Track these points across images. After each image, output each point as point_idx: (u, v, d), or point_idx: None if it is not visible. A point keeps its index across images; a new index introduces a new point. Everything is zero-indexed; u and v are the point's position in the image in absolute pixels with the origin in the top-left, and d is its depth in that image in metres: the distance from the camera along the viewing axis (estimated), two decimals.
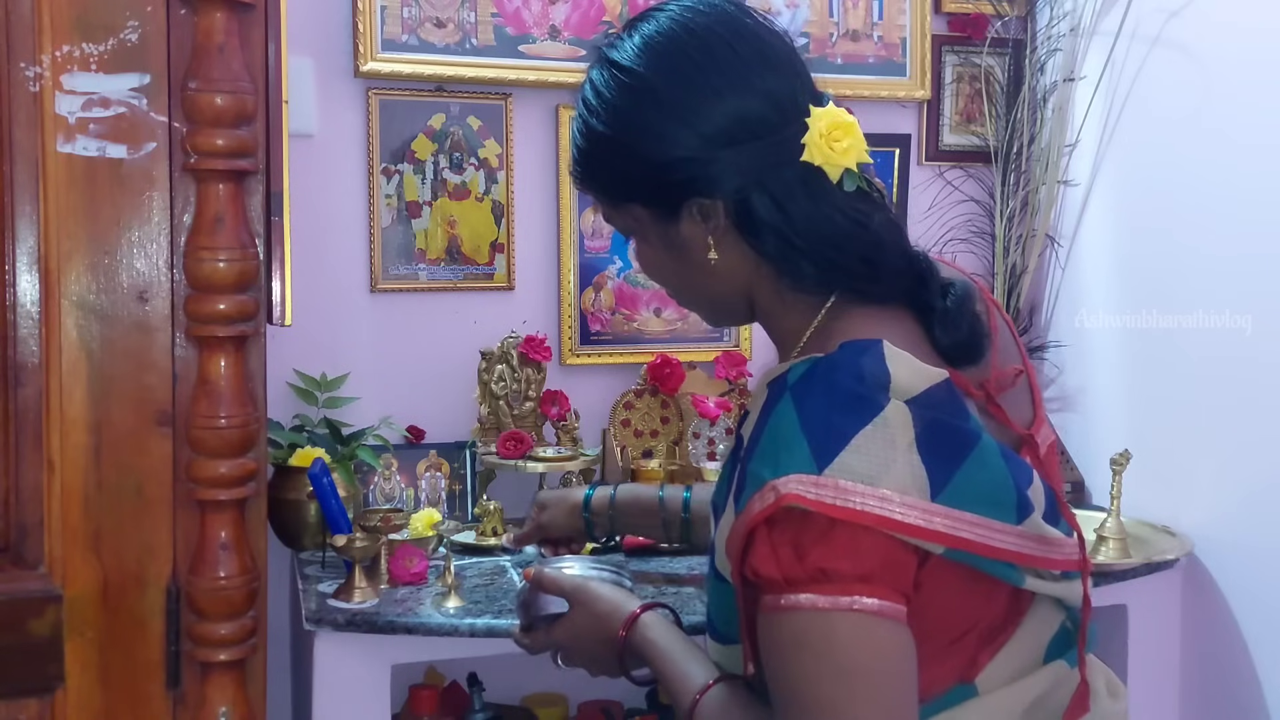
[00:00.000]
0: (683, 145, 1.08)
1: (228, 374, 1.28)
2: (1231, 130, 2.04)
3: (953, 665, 1.06)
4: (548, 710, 2.17)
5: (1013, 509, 1.02)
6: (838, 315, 1.10)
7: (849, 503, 0.96)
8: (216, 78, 1.25)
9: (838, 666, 0.96)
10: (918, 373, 1.02)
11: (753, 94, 1.08)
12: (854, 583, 0.96)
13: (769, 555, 0.98)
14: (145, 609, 1.28)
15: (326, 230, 2.13)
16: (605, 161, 1.15)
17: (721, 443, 2.23)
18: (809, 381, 1.03)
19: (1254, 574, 2.01)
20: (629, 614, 1.26)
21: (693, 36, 1.09)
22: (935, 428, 1.00)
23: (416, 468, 2.13)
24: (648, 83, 1.10)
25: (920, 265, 1.11)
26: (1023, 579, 1.05)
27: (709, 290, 1.18)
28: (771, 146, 1.08)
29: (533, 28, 2.21)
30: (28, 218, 1.22)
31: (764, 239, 1.10)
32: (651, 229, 1.15)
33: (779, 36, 1.13)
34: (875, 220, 1.10)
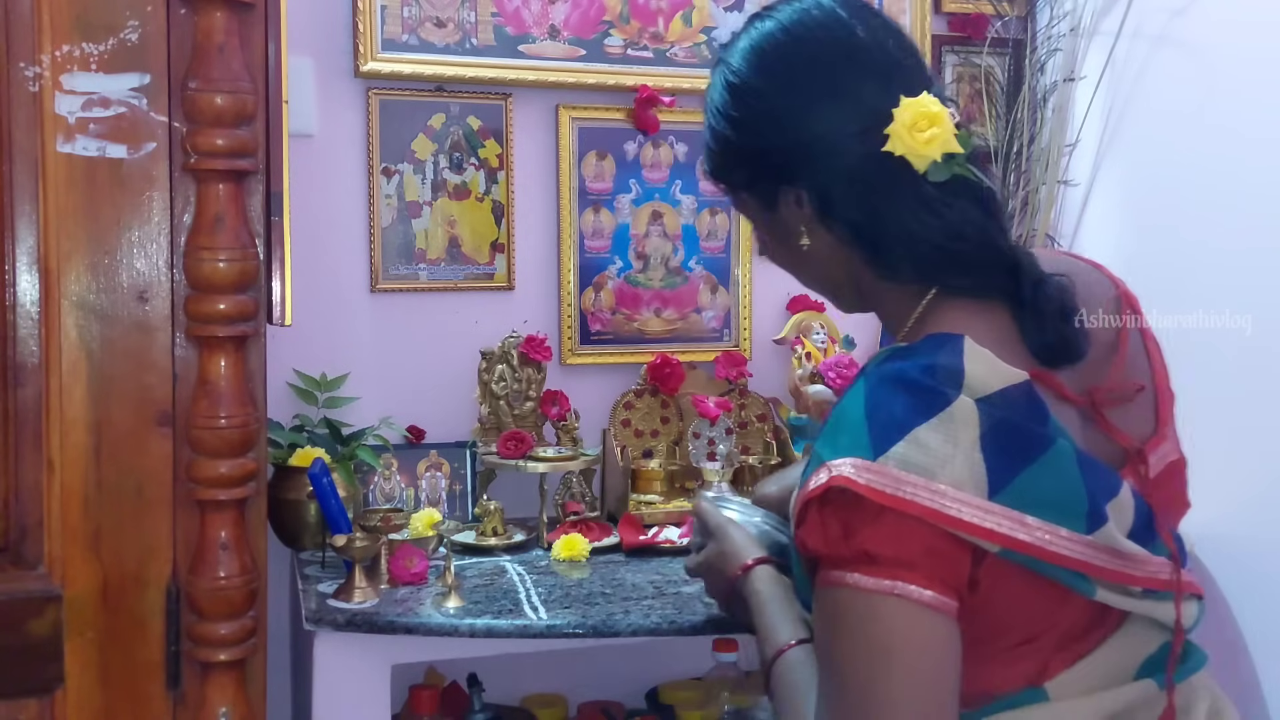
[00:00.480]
0: (775, 138, 1.16)
1: (228, 374, 1.28)
2: (1232, 130, 2.04)
3: (1023, 669, 1.06)
4: (547, 711, 2.17)
5: (1082, 518, 1.02)
6: (936, 307, 1.12)
7: (899, 491, 0.98)
8: (216, 78, 1.25)
9: (873, 645, 0.98)
10: (995, 372, 1.03)
11: (841, 97, 1.14)
12: (897, 568, 0.98)
13: (818, 531, 1.02)
14: (145, 609, 1.28)
15: (326, 230, 2.13)
16: (718, 153, 1.24)
17: (721, 443, 2.23)
18: (884, 370, 1.05)
19: (1254, 573, 2.01)
20: (746, 561, 1.34)
21: (792, 40, 1.17)
22: (1003, 428, 1.00)
23: (416, 468, 2.13)
24: (747, 82, 1.18)
25: (1010, 258, 1.11)
26: (1093, 590, 1.04)
27: (815, 275, 1.24)
28: (856, 138, 1.12)
29: (533, 27, 2.21)
30: (28, 218, 1.22)
31: (842, 227, 1.15)
32: (760, 216, 1.24)
33: (882, 33, 1.17)
34: (959, 211, 1.10)
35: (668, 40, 2.29)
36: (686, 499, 2.15)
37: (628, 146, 2.30)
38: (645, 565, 1.92)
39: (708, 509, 1.46)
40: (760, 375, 2.35)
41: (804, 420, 2.30)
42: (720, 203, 2.36)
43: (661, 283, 2.35)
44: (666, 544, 1.98)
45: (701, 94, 2.27)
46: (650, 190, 2.32)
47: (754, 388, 2.33)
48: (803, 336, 2.34)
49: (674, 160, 2.33)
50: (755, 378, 2.34)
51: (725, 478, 2.18)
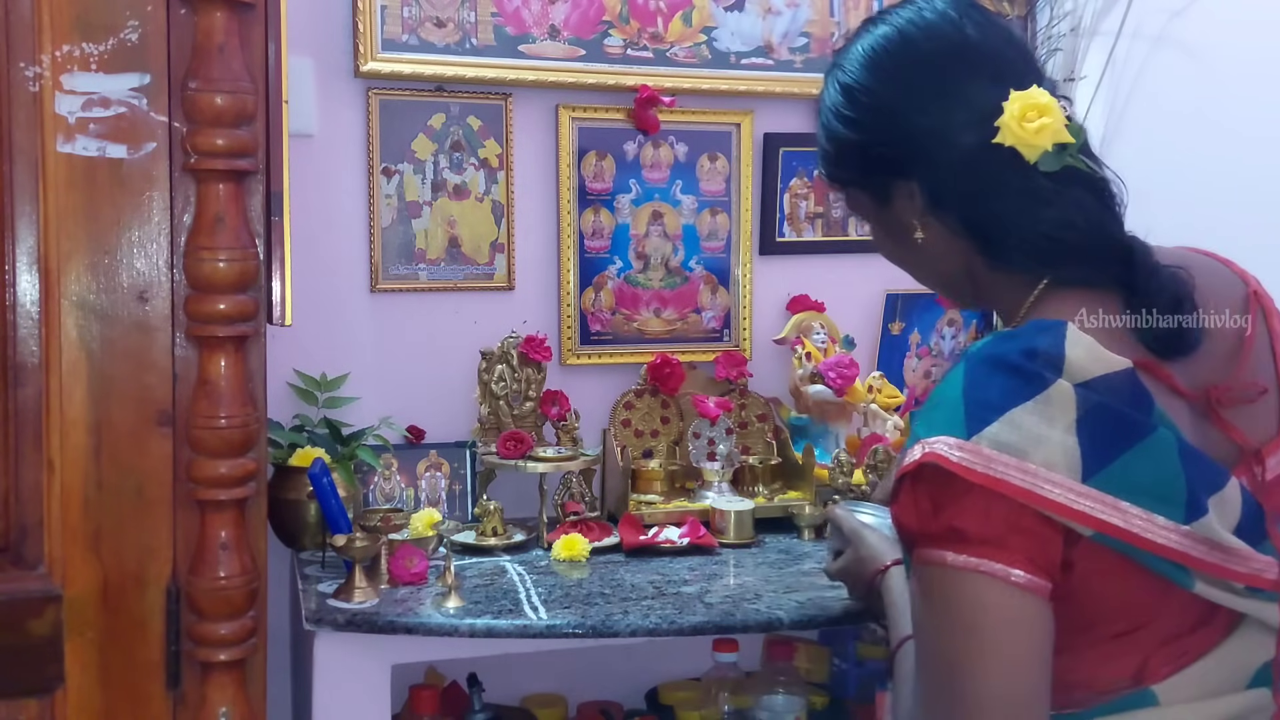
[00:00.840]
0: (886, 133, 1.20)
1: (228, 374, 1.28)
2: (1232, 129, 2.04)
3: (1125, 663, 1.07)
4: (547, 711, 2.17)
5: (1180, 507, 1.02)
6: (1047, 296, 1.14)
7: (990, 470, 0.99)
8: (216, 78, 1.25)
9: (959, 622, 1.00)
10: (1097, 358, 1.04)
11: (953, 95, 1.16)
12: (984, 546, 0.99)
13: (910, 507, 1.04)
14: (145, 609, 1.28)
15: (326, 230, 2.13)
16: (833, 154, 1.27)
17: (722, 443, 2.23)
18: (984, 352, 1.07)
19: None
20: (881, 565, 1.43)
21: (905, 42, 1.20)
22: (1101, 412, 1.01)
23: (416, 468, 2.13)
24: (861, 83, 1.22)
25: (1124, 248, 1.13)
26: (1192, 582, 1.04)
27: (930, 269, 1.27)
28: (966, 130, 1.14)
29: (533, 27, 2.21)
30: (28, 218, 1.22)
31: (953, 218, 1.17)
32: (873, 212, 1.27)
33: (992, 31, 1.20)
34: (1070, 200, 1.12)
35: (668, 40, 2.29)
36: (687, 499, 2.15)
37: (628, 146, 2.30)
38: (645, 565, 1.92)
39: (842, 515, 1.56)
40: (760, 375, 2.35)
41: (804, 420, 2.30)
42: (720, 202, 2.36)
43: (661, 283, 2.34)
44: (666, 544, 1.98)
45: (702, 94, 2.30)
46: (650, 190, 2.32)
47: (754, 388, 2.33)
48: (803, 336, 2.34)
49: (674, 160, 2.32)
50: (755, 378, 2.34)
51: (725, 478, 2.19)
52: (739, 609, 1.69)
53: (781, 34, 2.36)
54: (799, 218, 2.42)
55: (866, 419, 2.27)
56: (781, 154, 2.37)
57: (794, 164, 2.39)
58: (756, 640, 2.17)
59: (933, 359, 2.47)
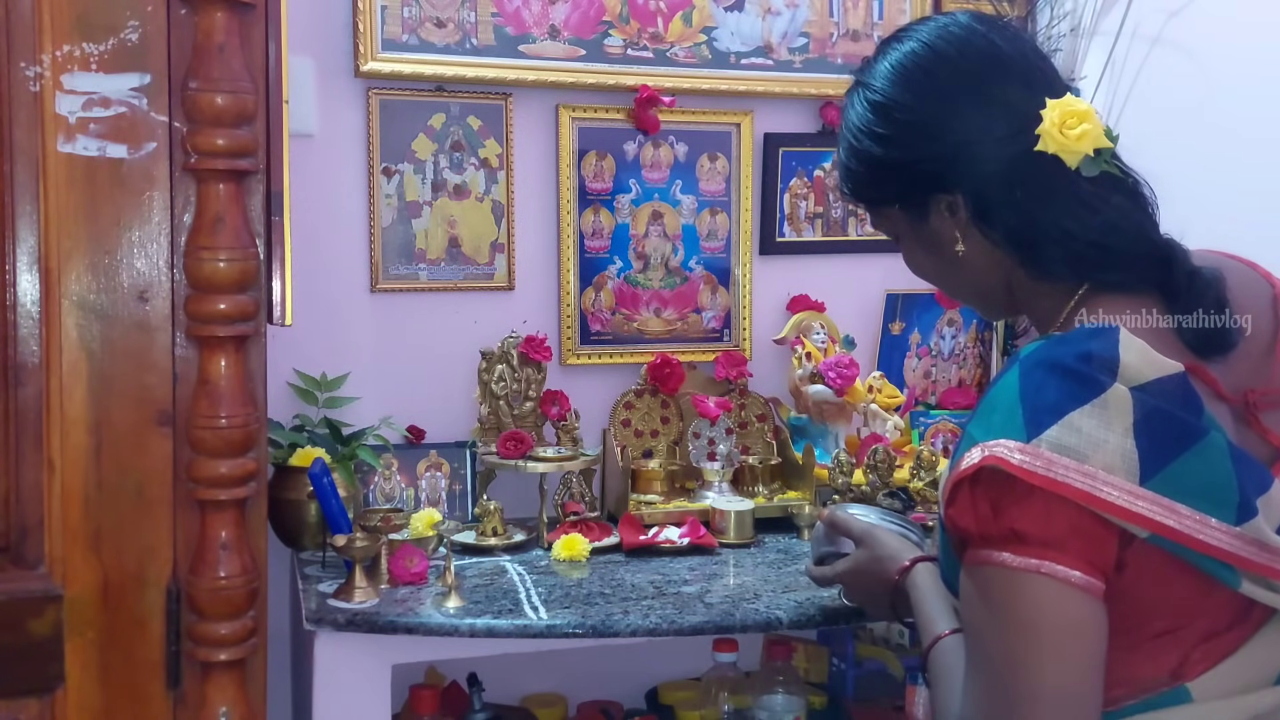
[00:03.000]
0: (925, 150, 1.19)
1: (228, 374, 1.28)
2: (1232, 129, 2.04)
3: (1164, 661, 1.07)
4: (547, 710, 2.17)
5: (1232, 509, 1.03)
6: (1087, 301, 1.14)
7: (1051, 473, 1.00)
8: (217, 78, 1.25)
9: (1019, 623, 1.01)
10: (1150, 362, 1.04)
11: (990, 105, 1.17)
12: (1045, 548, 1.00)
13: (969, 510, 1.04)
14: (145, 609, 1.29)
15: (326, 230, 2.13)
16: (864, 174, 1.26)
17: (722, 443, 2.23)
18: (1037, 355, 1.07)
19: None
20: (905, 562, 1.38)
21: (934, 55, 1.20)
22: (1157, 416, 1.02)
23: (416, 468, 2.13)
24: (893, 99, 1.21)
25: (1164, 251, 1.14)
26: (1239, 581, 1.05)
27: (966, 282, 1.26)
28: (1006, 140, 1.15)
29: (533, 27, 2.21)
30: (28, 218, 1.22)
31: (998, 229, 1.17)
32: (908, 229, 1.26)
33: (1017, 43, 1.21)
34: (1113, 206, 1.14)
35: (668, 40, 2.29)
36: (687, 499, 2.15)
37: (627, 146, 2.30)
38: (645, 565, 1.92)
39: (846, 518, 1.51)
40: (760, 375, 2.35)
41: (804, 420, 2.30)
42: (720, 202, 2.36)
43: (661, 283, 2.35)
44: (666, 544, 1.98)
45: (702, 94, 2.30)
46: (650, 190, 2.32)
47: (754, 388, 2.33)
48: (803, 336, 2.34)
49: (674, 160, 2.33)
50: (755, 378, 2.34)
51: (725, 478, 2.19)
52: (738, 609, 1.69)
53: (781, 34, 2.36)
54: (799, 217, 2.42)
55: (866, 419, 2.28)
56: (781, 154, 2.37)
57: (794, 164, 2.39)
58: (756, 640, 2.17)
59: (932, 359, 2.48)
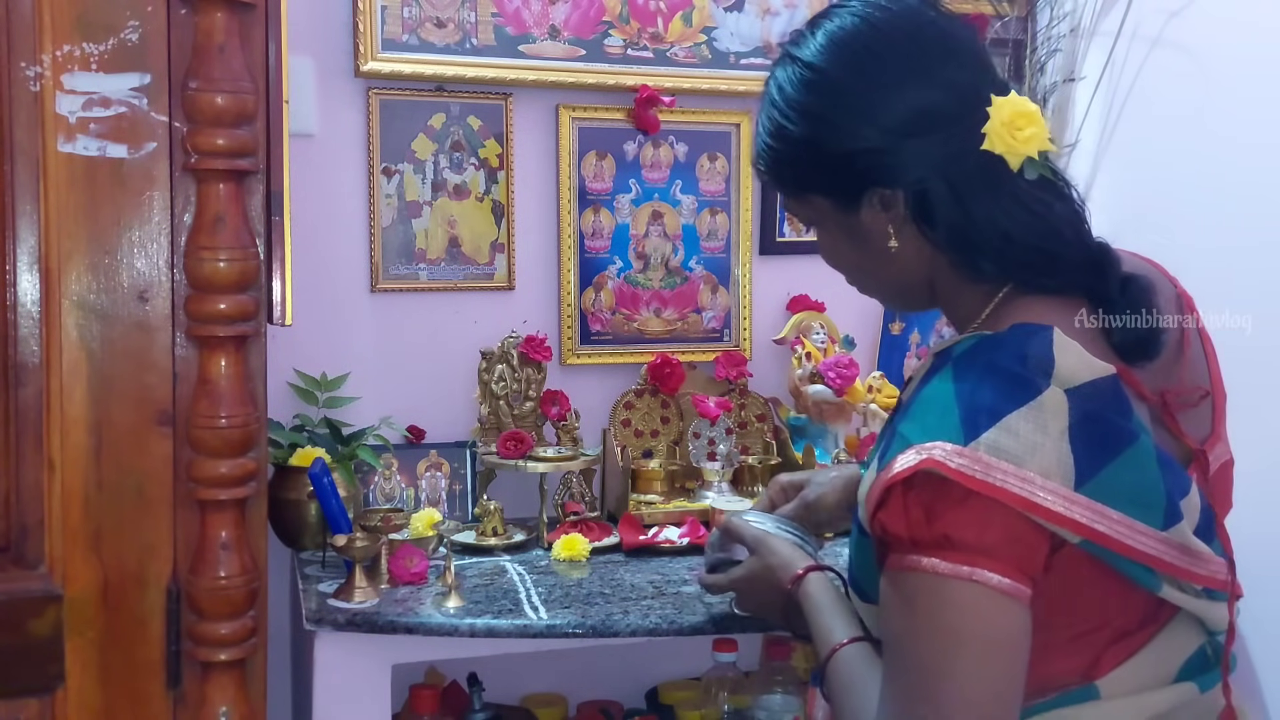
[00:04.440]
0: (864, 137, 1.11)
1: (228, 374, 1.28)
2: (1232, 130, 2.04)
3: (1077, 662, 1.07)
4: (547, 710, 2.17)
5: (1160, 513, 1.02)
6: (1011, 300, 1.11)
7: (989, 477, 0.97)
8: (217, 77, 1.25)
9: (945, 630, 0.98)
10: (1084, 364, 1.03)
11: (934, 86, 1.10)
12: (977, 555, 0.98)
13: (900, 514, 1.01)
14: (145, 609, 1.29)
15: (326, 230, 2.13)
16: (789, 155, 1.18)
17: (722, 443, 2.23)
18: (972, 356, 1.05)
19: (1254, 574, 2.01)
20: (798, 570, 1.33)
21: (875, 31, 1.13)
22: (1091, 420, 1.00)
23: (417, 468, 2.13)
24: (831, 78, 1.14)
25: (1099, 256, 1.12)
26: (1159, 585, 1.05)
27: (889, 278, 1.21)
28: (952, 137, 1.10)
29: (533, 28, 2.21)
30: (28, 217, 1.22)
31: (939, 230, 1.12)
32: (833, 219, 1.19)
33: (961, 28, 1.16)
34: (1054, 210, 1.11)
35: (668, 40, 2.29)
36: (687, 499, 2.15)
37: (628, 146, 2.30)
38: (645, 565, 1.92)
39: (740, 524, 1.46)
40: (760, 375, 2.35)
41: (804, 420, 2.30)
42: (720, 203, 2.36)
43: (661, 283, 2.35)
44: (666, 544, 1.98)
45: (702, 94, 2.30)
46: (650, 190, 2.32)
47: (754, 388, 2.33)
48: (803, 336, 2.34)
49: (674, 160, 2.32)
50: (755, 378, 2.34)
51: (725, 478, 2.19)
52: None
53: (781, 34, 2.36)
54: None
55: (866, 419, 2.28)
56: None
57: None
58: (756, 640, 2.17)
59: None
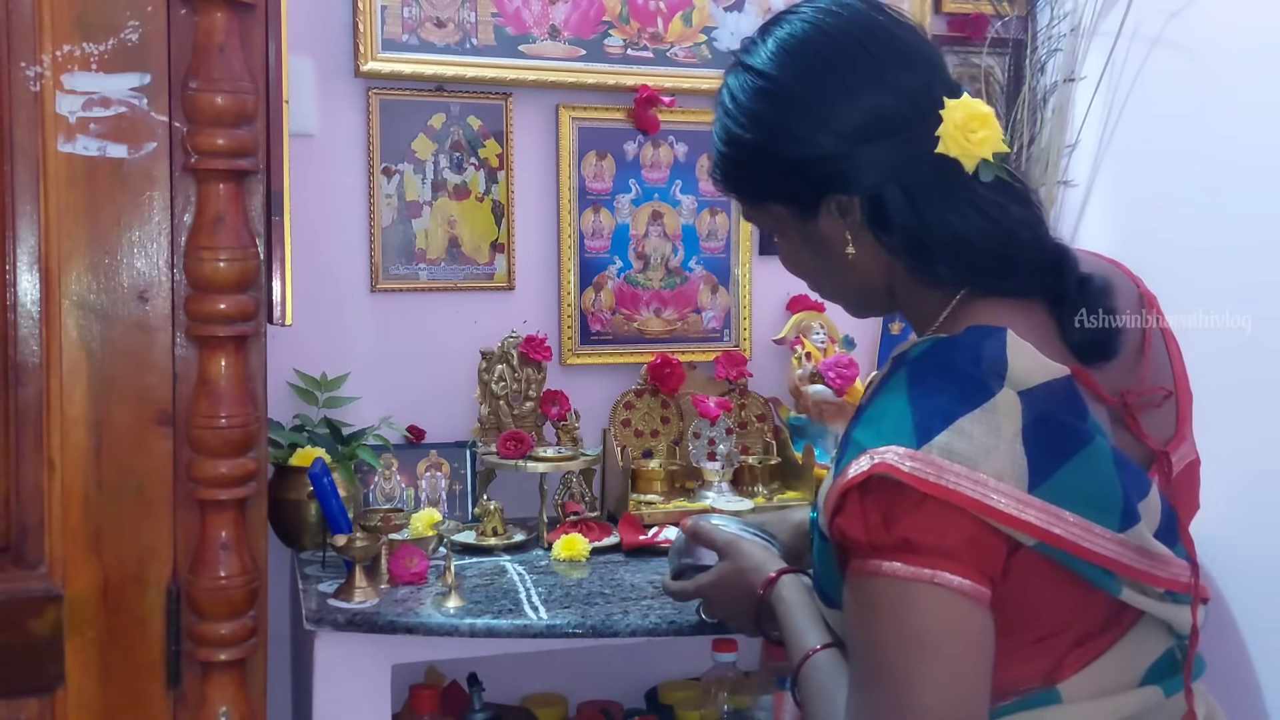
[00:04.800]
0: (819, 144, 1.10)
1: (228, 374, 1.28)
2: (1232, 130, 2.04)
3: (1039, 665, 1.06)
4: (547, 710, 2.17)
5: (1116, 515, 1.01)
6: (968, 304, 1.10)
7: (943, 480, 0.97)
8: (217, 77, 1.25)
9: (908, 634, 0.98)
10: (1038, 365, 1.02)
11: (886, 91, 1.10)
12: (937, 557, 0.97)
13: (858, 519, 1.00)
14: (145, 609, 1.29)
15: (326, 230, 2.13)
16: (745, 164, 1.18)
17: (722, 443, 2.23)
18: (926, 359, 1.05)
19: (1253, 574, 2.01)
20: (771, 573, 1.31)
21: (825, 37, 1.12)
22: (1045, 421, 1.00)
23: (417, 468, 2.13)
24: (783, 85, 1.12)
25: (1056, 258, 1.11)
26: (1120, 588, 1.04)
27: (849, 283, 1.20)
28: (906, 141, 1.09)
29: (533, 28, 2.21)
30: (28, 217, 1.22)
31: (894, 235, 1.11)
32: (791, 226, 1.18)
33: (912, 31, 1.15)
34: (1010, 213, 1.09)
35: (668, 40, 2.29)
36: (687, 499, 2.15)
37: (628, 146, 2.30)
38: (645, 565, 1.92)
39: (709, 528, 1.43)
40: (760, 375, 2.35)
41: (804, 420, 2.30)
42: (720, 203, 2.36)
43: (661, 283, 2.35)
44: (666, 544, 1.98)
45: (702, 94, 2.30)
46: (650, 190, 2.32)
47: (754, 388, 2.33)
48: (803, 336, 2.34)
49: (674, 160, 2.32)
50: (755, 378, 2.34)
51: (725, 478, 2.19)
52: None
53: None
54: None
55: None
56: None
57: None
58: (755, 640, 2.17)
59: None
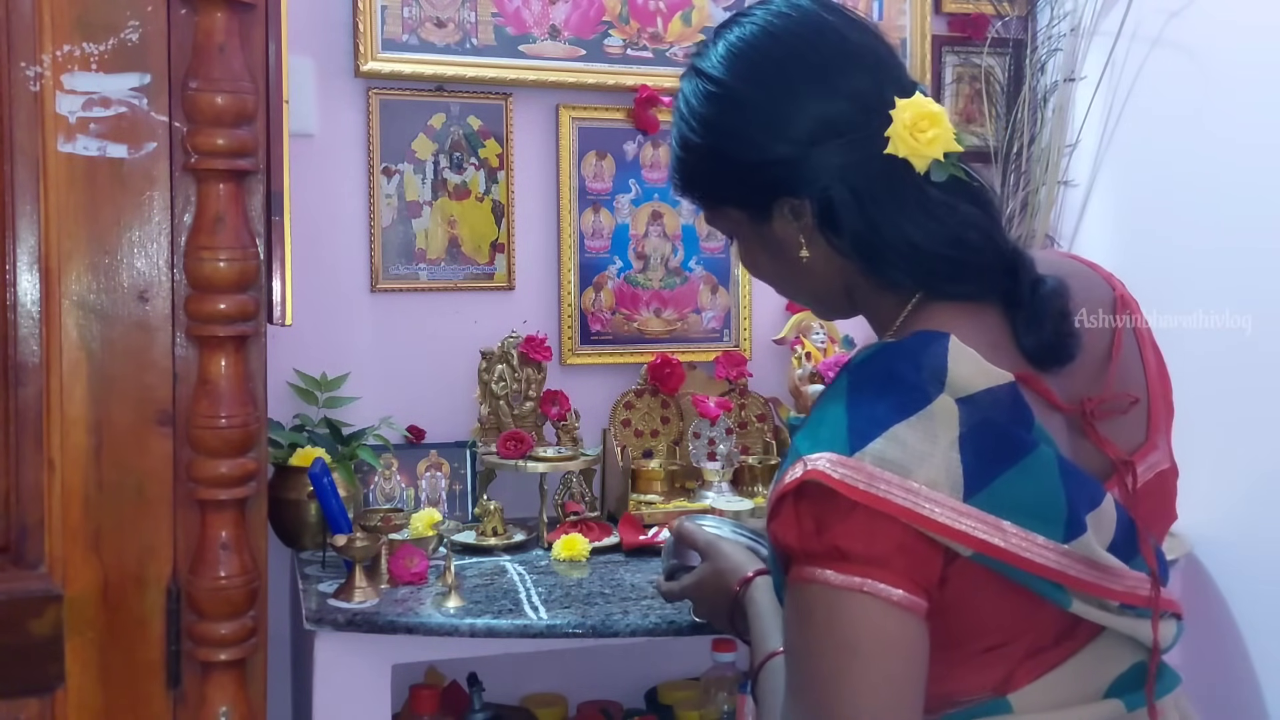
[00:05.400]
0: (768, 148, 1.10)
1: (228, 374, 1.28)
2: (1232, 130, 2.04)
3: (989, 676, 1.05)
4: (547, 710, 2.17)
5: (1060, 526, 1.00)
6: (923, 308, 1.09)
7: (873, 488, 0.96)
8: (217, 77, 1.25)
9: (839, 642, 0.97)
10: (979, 371, 1.01)
11: (835, 95, 1.09)
12: (868, 565, 0.96)
13: (792, 525, 1.00)
14: (145, 609, 1.28)
15: (326, 230, 2.13)
16: (698, 168, 1.18)
17: (722, 443, 2.23)
18: (867, 365, 1.04)
19: (1253, 573, 2.01)
20: (747, 573, 1.30)
21: (774, 41, 1.12)
22: (984, 429, 0.99)
23: (417, 468, 2.13)
24: (731, 90, 1.12)
25: (1010, 260, 1.09)
26: (1069, 601, 1.02)
27: (806, 286, 1.19)
28: (855, 143, 1.08)
29: (533, 27, 2.21)
30: (28, 217, 1.22)
31: (844, 238, 1.10)
32: (747, 229, 1.18)
33: (864, 31, 1.14)
34: (961, 214, 1.08)
35: (667, 40, 2.29)
36: (687, 499, 2.15)
37: (627, 146, 2.30)
38: (645, 565, 1.92)
39: (692, 529, 1.43)
40: (760, 375, 2.35)
41: (803, 420, 2.30)
42: None
43: (661, 283, 2.35)
44: None
45: None
46: (650, 190, 2.33)
47: (754, 388, 2.33)
48: (803, 336, 2.34)
49: None
50: (755, 378, 2.34)
51: (725, 478, 2.19)
52: None
53: None
54: None
55: None
56: None
57: None
58: None
59: None
